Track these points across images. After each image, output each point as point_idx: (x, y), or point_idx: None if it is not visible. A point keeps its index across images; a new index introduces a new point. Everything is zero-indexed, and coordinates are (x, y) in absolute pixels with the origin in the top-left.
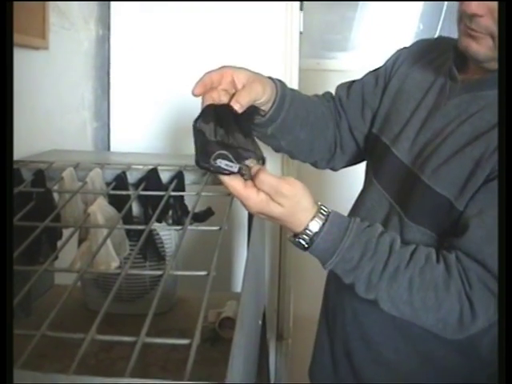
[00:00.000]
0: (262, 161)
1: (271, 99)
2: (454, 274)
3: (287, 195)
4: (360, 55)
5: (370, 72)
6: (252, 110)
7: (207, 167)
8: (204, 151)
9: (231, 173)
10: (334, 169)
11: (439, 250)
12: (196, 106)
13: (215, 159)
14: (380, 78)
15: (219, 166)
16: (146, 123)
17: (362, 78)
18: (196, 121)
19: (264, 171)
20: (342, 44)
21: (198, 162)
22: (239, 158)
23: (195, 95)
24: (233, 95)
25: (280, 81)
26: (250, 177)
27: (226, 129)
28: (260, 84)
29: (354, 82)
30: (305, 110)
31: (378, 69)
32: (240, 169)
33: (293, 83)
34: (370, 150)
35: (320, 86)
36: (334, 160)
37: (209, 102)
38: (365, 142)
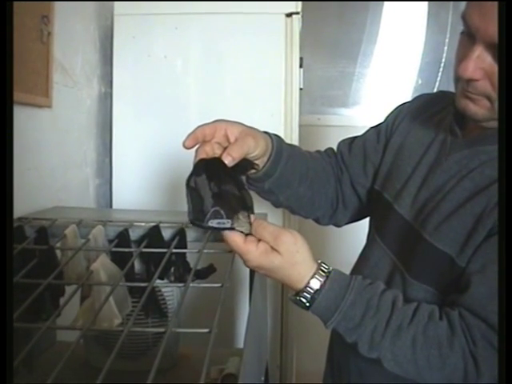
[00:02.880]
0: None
1: (267, 153)
2: (458, 331)
3: (286, 242)
4: (361, 110)
5: (372, 128)
6: (245, 164)
7: (201, 226)
8: (198, 210)
9: (226, 228)
10: (337, 225)
11: (442, 307)
12: None
13: (207, 221)
14: (381, 133)
15: (212, 227)
16: (148, 179)
17: (363, 134)
18: (189, 179)
19: (266, 221)
20: (343, 99)
21: (192, 221)
22: (233, 212)
23: (186, 148)
24: (225, 149)
25: (276, 135)
26: (248, 230)
27: (218, 182)
28: (252, 138)
29: (355, 138)
30: (304, 165)
31: (380, 125)
32: (233, 223)
33: (293, 139)
34: (373, 207)
35: (321, 142)
36: (336, 216)
37: (202, 155)
38: (367, 198)
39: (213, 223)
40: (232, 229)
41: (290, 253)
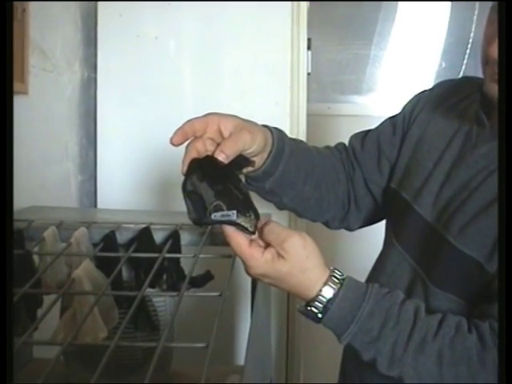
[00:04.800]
0: (256, 216)
1: (266, 149)
2: (489, 344)
3: (295, 245)
4: (376, 98)
5: (387, 119)
6: (240, 161)
7: (205, 223)
8: (199, 208)
9: (231, 222)
10: (350, 229)
11: (470, 318)
12: None
13: (211, 213)
14: (398, 125)
15: (216, 220)
16: (137, 176)
17: (378, 127)
18: (185, 182)
19: (273, 221)
20: (356, 86)
21: (195, 221)
22: (237, 207)
23: (174, 145)
24: (218, 145)
25: (278, 129)
26: (253, 228)
27: (217, 181)
28: (248, 132)
29: (369, 131)
30: (309, 162)
31: (396, 116)
32: (238, 217)
33: (300, 130)
34: (389, 207)
35: (332, 134)
36: (348, 219)
37: (192, 152)
38: (383, 198)
39: (216, 216)
40: (237, 224)
41: (299, 258)
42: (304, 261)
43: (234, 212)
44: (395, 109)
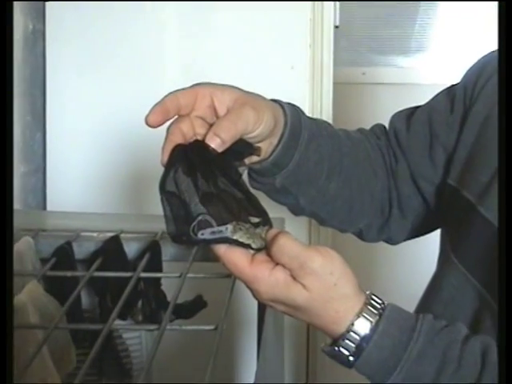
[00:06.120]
0: (266, 223)
1: (276, 133)
2: None
3: (318, 272)
4: (428, 60)
5: (443, 91)
6: (241, 148)
7: (188, 241)
8: (181, 219)
9: (224, 239)
10: (391, 241)
11: None
12: None
13: (197, 232)
14: (457, 100)
15: (204, 240)
16: (101, 167)
17: (429, 102)
18: (163, 180)
19: (285, 235)
20: (401, 44)
21: (174, 237)
22: (233, 217)
23: (150, 126)
24: (211, 126)
25: (292, 105)
26: (259, 244)
27: (207, 177)
28: (252, 109)
29: (417, 108)
30: (336, 150)
31: (454, 86)
32: (234, 232)
33: (323, 106)
34: (446, 211)
35: (366, 110)
36: (389, 227)
37: (176, 136)
38: (437, 199)
39: (205, 234)
40: (234, 241)
41: (324, 287)
42: (330, 290)
43: (228, 227)
44: (453, 76)
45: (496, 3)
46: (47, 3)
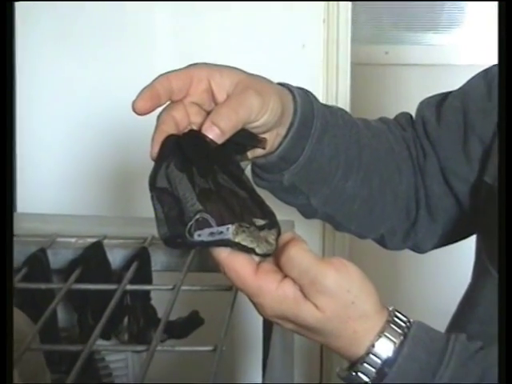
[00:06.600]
0: (273, 225)
1: (285, 122)
2: None
3: (332, 290)
4: (462, 38)
5: (479, 74)
6: (243, 139)
7: (183, 245)
8: (174, 219)
9: (224, 242)
10: (419, 249)
11: None
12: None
13: (193, 233)
14: (496, 84)
15: (202, 242)
16: (81, 162)
17: (463, 86)
18: (154, 175)
19: (298, 244)
20: (431, 18)
21: (167, 240)
22: (234, 217)
23: (138, 113)
24: (209, 114)
25: (303, 90)
26: (266, 249)
27: (205, 172)
28: (256, 94)
29: (449, 94)
30: (354, 143)
31: (493, 68)
32: (236, 233)
33: (339, 90)
34: (482, 214)
35: (390, 95)
36: (415, 233)
37: (168, 125)
38: (472, 200)
39: (202, 235)
40: (236, 244)
41: (339, 306)
42: (347, 309)
43: (229, 227)
44: (491, 56)
45: None
46: None
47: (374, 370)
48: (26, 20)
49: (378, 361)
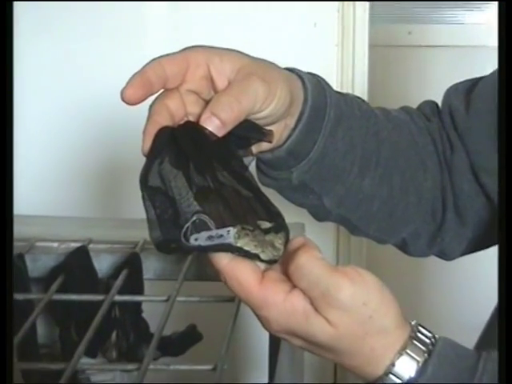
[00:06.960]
0: (280, 229)
1: (293, 113)
2: None
3: (346, 304)
4: (496, 15)
5: None
6: (247, 131)
7: (178, 249)
8: (168, 222)
9: (224, 247)
10: (446, 255)
11: None
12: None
13: (189, 236)
14: None
15: (199, 247)
16: (65, 157)
17: (495, 72)
18: (145, 173)
19: (309, 251)
20: None
21: (159, 245)
22: (235, 219)
23: (127, 102)
24: (207, 103)
25: (314, 76)
26: (272, 255)
27: (202, 169)
28: (261, 81)
29: (479, 80)
30: (372, 136)
31: None
32: (238, 237)
33: (356, 75)
34: None
35: (413, 81)
36: (442, 237)
37: (161, 116)
38: None
39: (199, 239)
40: (237, 249)
41: (355, 322)
42: (364, 324)
43: (230, 230)
44: None
45: None
46: None
47: None
48: (13, 12)
49: (399, 381)
